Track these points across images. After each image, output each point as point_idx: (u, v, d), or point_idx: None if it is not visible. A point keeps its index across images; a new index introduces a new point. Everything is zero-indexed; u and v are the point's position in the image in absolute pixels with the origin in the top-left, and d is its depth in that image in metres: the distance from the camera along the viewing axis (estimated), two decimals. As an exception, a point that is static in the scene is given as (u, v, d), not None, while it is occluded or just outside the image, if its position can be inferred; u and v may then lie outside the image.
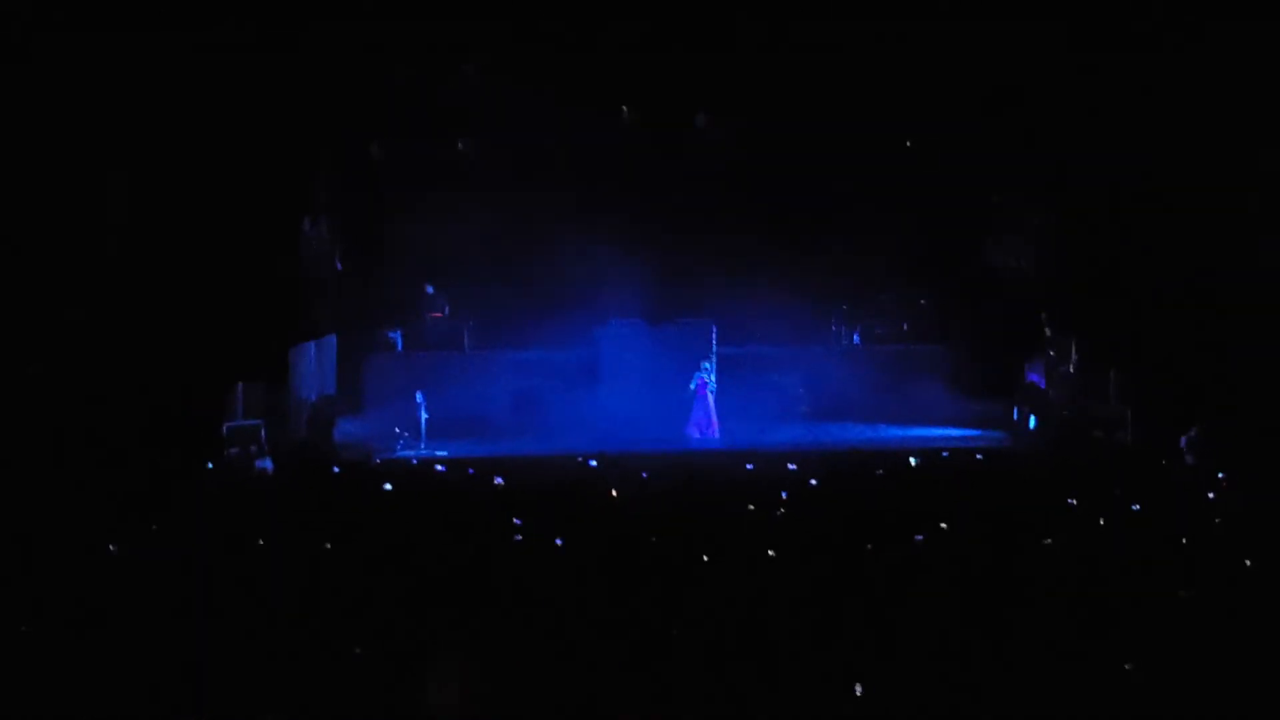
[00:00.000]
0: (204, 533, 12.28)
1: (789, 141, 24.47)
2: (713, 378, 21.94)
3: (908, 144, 24.78)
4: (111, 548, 11.43)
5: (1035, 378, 22.44)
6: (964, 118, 23.26)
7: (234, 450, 18.94)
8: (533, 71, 23.59)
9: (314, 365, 22.78)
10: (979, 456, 18.43)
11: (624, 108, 24.99)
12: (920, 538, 11.54)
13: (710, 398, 21.83)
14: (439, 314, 24.46)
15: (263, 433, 19.38)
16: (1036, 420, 20.97)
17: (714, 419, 21.79)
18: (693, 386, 21.85)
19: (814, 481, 14.93)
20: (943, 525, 11.87)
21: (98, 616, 9.14)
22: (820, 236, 24.28)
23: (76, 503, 13.62)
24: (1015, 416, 21.73)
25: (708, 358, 22.10)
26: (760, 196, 24.60)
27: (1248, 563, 10.16)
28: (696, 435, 21.72)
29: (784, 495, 13.85)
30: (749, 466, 15.98)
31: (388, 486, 14.96)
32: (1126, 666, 8.05)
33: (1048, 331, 22.38)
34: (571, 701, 7.86)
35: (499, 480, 15.48)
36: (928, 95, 23.46)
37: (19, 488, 14.50)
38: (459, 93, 24.55)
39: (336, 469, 17.50)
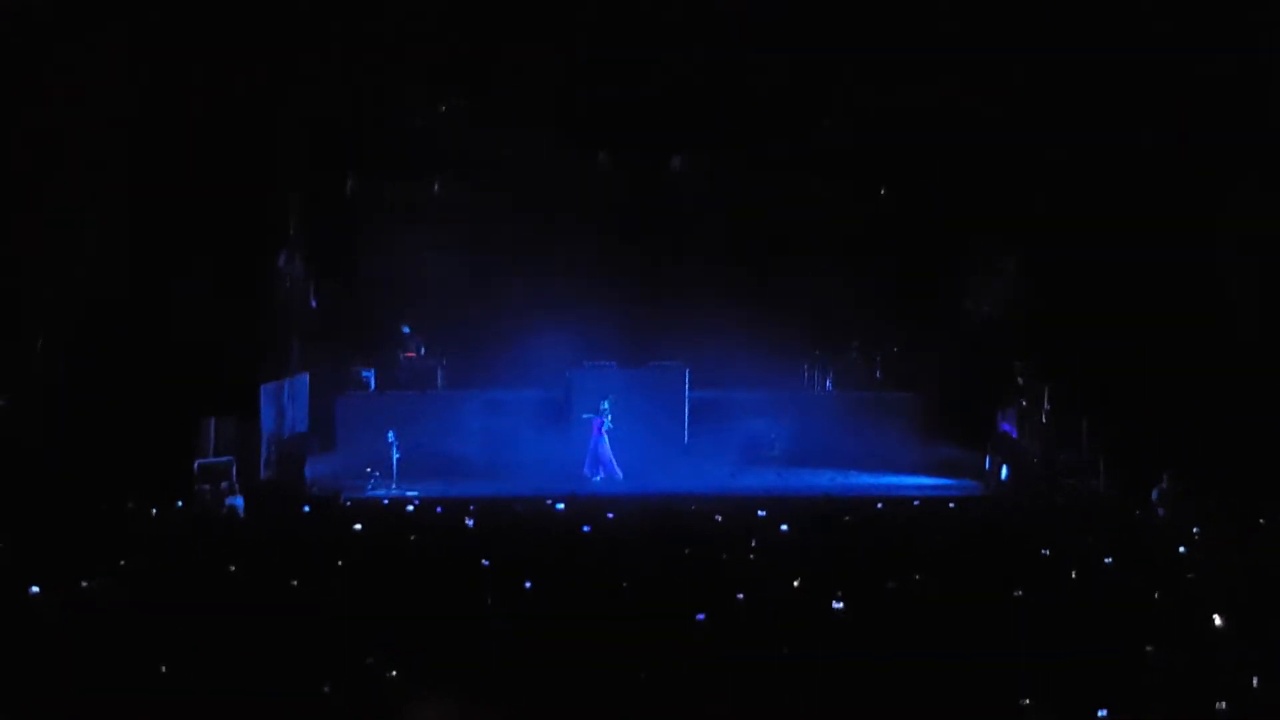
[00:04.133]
0: (173, 569, 12.21)
1: (763, 186, 24.60)
2: (609, 418, 21.71)
3: (881, 191, 24.98)
4: (84, 584, 11.31)
5: (1008, 426, 22.48)
6: (936, 164, 23.34)
7: (204, 487, 18.83)
8: (510, 112, 23.62)
9: (286, 403, 22.69)
10: (951, 505, 18.42)
11: (600, 151, 25.06)
12: (892, 585, 11.52)
13: (605, 438, 21.66)
14: (412, 354, 24.41)
15: (234, 470, 19.28)
16: (1009, 470, 20.99)
17: (605, 459, 21.63)
18: (586, 418, 21.71)
19: (785, 527, 14.88)
20: (915, 575, 11.84)
21: (69, 652, 9.05)
22: (793, 282, 24.37)
23: (45, 540, 13.48)
24: (988, 465, 21.76)
25: (608, 397, 21.89)
26: (734, 241, 24.71)
27: (1217, 620, 10.14)
28: (594, 477, 21.52)
29: (754, 542, 13.81)
30: (718, 518, 15.91)
31: (357, 527, 14.85)
32: (1101, 715, 8.06)
33: (1020, 380, 22.42)
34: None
35: (469, 522, 15.42)
36: (901, 143, 23.58)
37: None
38: (435, 132, 24.59)
39: (307, 508, 17.38)
